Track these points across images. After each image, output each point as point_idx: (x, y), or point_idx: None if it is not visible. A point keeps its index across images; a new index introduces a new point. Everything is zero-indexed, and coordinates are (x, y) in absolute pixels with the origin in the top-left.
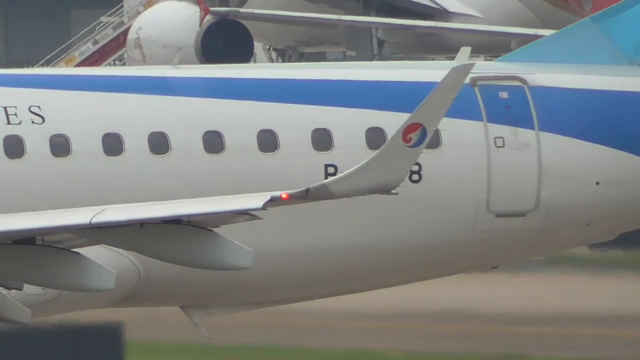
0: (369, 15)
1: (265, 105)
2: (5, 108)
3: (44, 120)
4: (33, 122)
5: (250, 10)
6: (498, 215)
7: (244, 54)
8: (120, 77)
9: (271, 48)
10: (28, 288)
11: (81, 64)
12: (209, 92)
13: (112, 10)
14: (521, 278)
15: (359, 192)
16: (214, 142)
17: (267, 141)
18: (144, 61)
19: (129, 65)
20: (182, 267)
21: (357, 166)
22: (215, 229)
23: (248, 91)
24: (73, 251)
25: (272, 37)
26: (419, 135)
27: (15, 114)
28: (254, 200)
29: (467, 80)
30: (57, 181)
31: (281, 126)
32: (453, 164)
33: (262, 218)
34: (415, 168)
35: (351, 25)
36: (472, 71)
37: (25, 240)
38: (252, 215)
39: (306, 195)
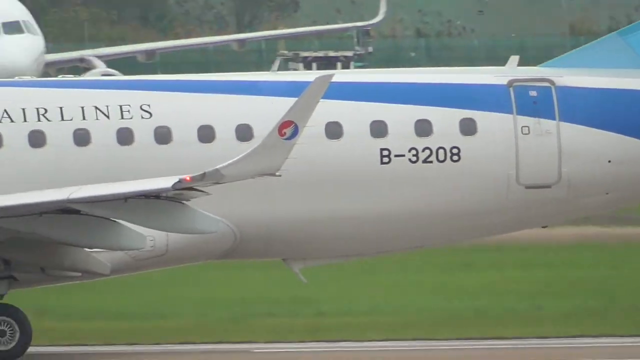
0: None
1: None
2: None
3: None
4: None
5: None
6: (528, 187)
7: None
8: None
9: None
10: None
11: None
12: None
13: None
14: None
15: (246, 175)
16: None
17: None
18: None
19: None
20: (272, 227)
21: (243, 154)
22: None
23: None
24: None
25: None
26: (292, 130)
27: None
28: (166, 182)
29: (505, 82)
30: None
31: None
32: (486, 147)
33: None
34: (455, 150)
35: None
36: (511, 75)
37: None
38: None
39: (203, 178)
